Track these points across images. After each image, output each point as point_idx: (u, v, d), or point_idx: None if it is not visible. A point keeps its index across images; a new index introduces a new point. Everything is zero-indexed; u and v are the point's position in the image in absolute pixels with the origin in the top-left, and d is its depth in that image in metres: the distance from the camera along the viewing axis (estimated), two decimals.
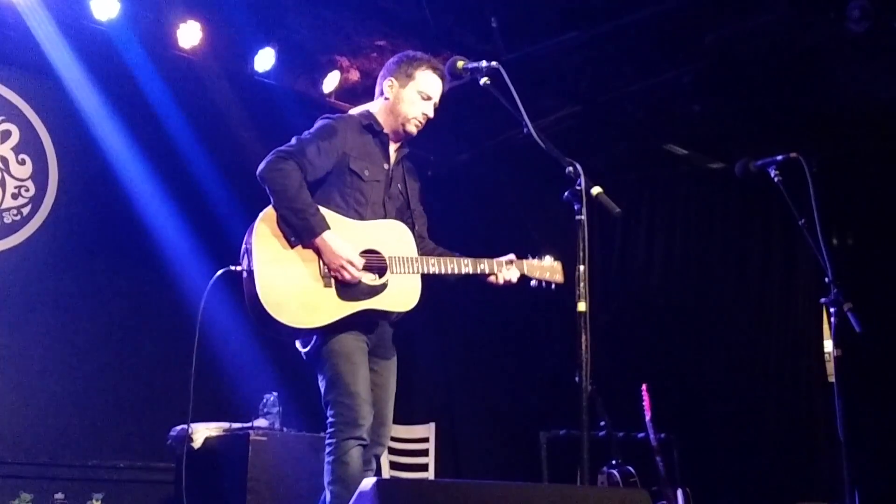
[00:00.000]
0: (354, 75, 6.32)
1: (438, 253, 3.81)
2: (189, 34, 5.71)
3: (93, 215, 6.12)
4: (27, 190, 5.93)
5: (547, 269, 3.85)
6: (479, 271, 3.72)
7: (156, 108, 6.05)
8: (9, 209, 5.84)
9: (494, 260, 3.75)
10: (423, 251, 3.76)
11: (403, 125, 3.74)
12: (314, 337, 3.55)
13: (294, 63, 6.19)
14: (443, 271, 3.66)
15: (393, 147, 3.79)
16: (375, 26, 5.83)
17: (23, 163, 5.94)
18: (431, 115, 3.76)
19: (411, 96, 3.72)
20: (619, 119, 6.72)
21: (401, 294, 3.58)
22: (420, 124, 3.75)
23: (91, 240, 6.10)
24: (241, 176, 6.46)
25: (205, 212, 6.29)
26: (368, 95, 3.98)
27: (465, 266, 3.70)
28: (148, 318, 6.24)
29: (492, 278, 3.75)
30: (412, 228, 3.75)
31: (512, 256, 3.79)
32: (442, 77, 3.76)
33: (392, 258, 3.58)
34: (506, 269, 3.74)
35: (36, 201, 5.95)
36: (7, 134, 5.89)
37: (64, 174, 6.05)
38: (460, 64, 3.51)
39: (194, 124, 6.22)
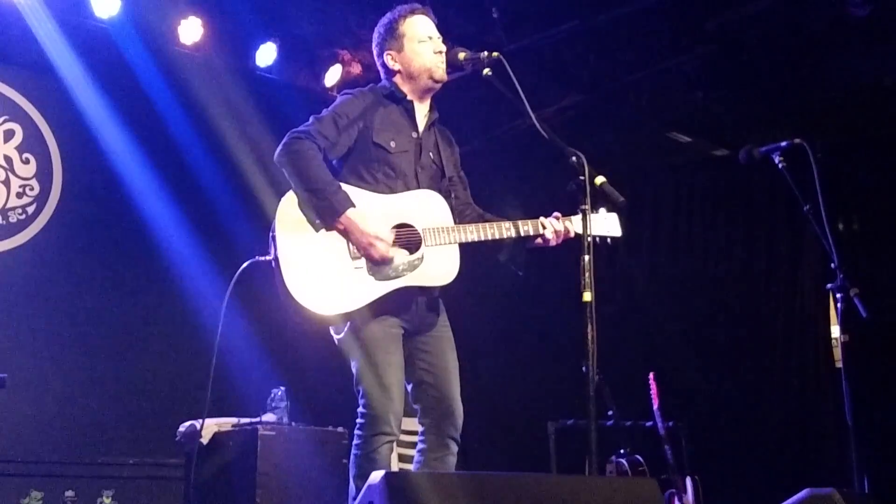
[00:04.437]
0: (356, 68, 6.31)
1: (485, 220, 3.60)
2: (190, 30, 5.72)
3: (97, 212, 6.14)
4: (32, 189, 5.94)
5: (602, 222, 3.61)
6: (522, 234, 3.50)
7: (158, 105, 6.05)
8: (14, 208, 5.85)
9: (539, 219, 3.54)
10: (467, 218, 3.61)
11: (430, 77, 3.55)
12: (347, 323, 3.38)
13: (296, 57, 6.20)
14: (481, 238, 3.46)
15: (421, 113, 3.62)
16: (377, 18, 5.81)
17: (27, 162, 5.95)
18: (443, 48, 3.55)
19: (415, 50, 3.55)
20: (621, 108, 6.70)
21: (438, 267, 3.41)
22: (442, 64, 3.54)
23: (96, 237, 6.12)
24: (243, 171, 6.49)
25: (208, 208, 6.30)
26: None
27: (506, 230, 3.48)
28: (154, 314, 6.25)
29: (539, 241, 3.53)
30: (448, 197, 3.56)
31: (558, 214, 3.56)
32: (423, 12, 3.60)
33: (426, 230, 3.41)
34: (557, 223, 3.51)
35: (41, 200, 5.96)
36: (11, 133, 5.90)
37: (68, 172, 6.06)
38: (462, 55, 3.45)
39: (197, 120, 6.22)
